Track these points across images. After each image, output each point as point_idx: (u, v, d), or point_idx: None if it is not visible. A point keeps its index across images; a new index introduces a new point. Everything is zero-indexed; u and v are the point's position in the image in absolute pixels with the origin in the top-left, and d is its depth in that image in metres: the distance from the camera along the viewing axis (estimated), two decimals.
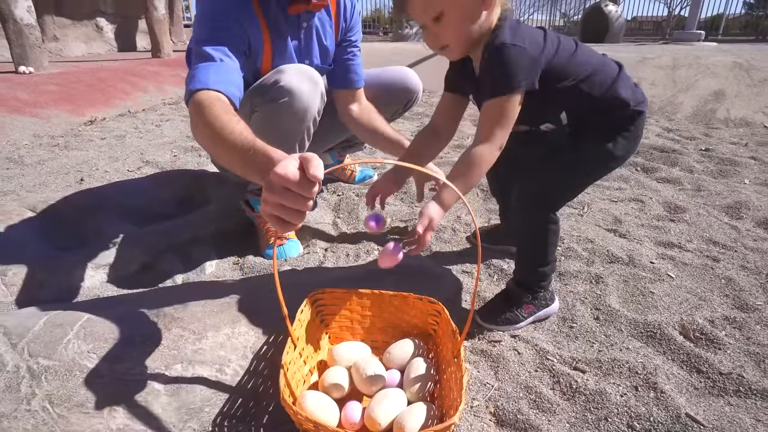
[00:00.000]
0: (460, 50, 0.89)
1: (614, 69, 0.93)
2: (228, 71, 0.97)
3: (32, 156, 2.40)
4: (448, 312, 0.86)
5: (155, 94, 4.12)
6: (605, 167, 0.98)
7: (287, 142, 1.16)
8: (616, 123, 0.93)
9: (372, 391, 0.79)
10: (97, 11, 6.52)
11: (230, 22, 1.04)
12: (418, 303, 0.91)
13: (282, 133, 1.13)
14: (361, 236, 1.44)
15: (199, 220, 1.43)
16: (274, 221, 0.64)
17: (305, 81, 1.09)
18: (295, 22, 1.21)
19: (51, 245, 1.26)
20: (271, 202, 0.63)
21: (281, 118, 1.11)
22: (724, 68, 3.90)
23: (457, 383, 0.70)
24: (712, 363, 0.88)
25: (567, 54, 0.89)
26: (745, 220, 1.52)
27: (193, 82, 0.92)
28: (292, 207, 0.63)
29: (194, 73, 0.94)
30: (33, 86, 3.46)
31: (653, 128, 2.92)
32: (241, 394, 0.79)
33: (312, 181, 0.62)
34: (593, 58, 0.93)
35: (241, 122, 0.83)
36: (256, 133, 0.80)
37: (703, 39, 6.57)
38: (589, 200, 1.66)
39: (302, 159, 0.63)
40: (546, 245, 0.97)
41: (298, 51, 1.25)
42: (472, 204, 1.66)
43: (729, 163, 2.11)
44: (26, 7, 3.69)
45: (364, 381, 0.79)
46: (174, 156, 2.35)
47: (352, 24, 1.36)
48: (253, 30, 1.11)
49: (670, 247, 1.33)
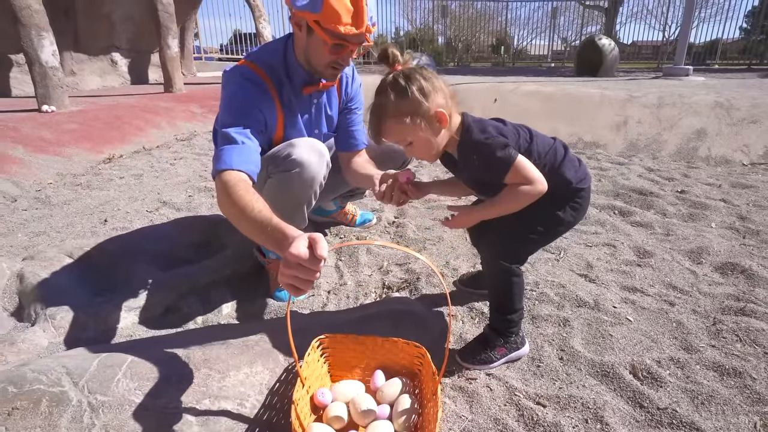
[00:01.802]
0: (433, 158, 1.15)
1: (561, 153, 1.13)
2: (249, 152, 1.17)
3: (58, 196, 2.61)
4: (431, 353, 1.03)
5: (168, 129, 4.36)
6: (555, 231, 1.18)
7: (297, 203, 1.36)
8: (559, 197, 1.12)
9: (365, 423, 0.96)
10: (112, 46, 6.86)
11: (250, 108, 1.25)
12: (405, 347, 1.08)
13: (293, 197, 1.34)
14: (361, 279, 1.62)
15: (216, 264, 1.62)
16: (290, 289, 0.83)
17: (314, 154, 1.29)
18: (307, 100, 1.43)
19: (89, 290, 1.44)
20: (287, 275, 0.82)
21: (292, 185, 1.31)
22: (706, 107, 4.12)
23: (434, 417, 0.87)
24: (652, 399, 1.04)
25: (525, 142, 1.09)
26: (704, 264, 1.69)
27: (219, 162, 1.13)
28: (304, 278, 0.81)
29: (220, 154, 1.15)
30: (55, 125, 3.70)
31: (636, 168, 3.12)
32: (258, 425, 0.96)
33: (318, 259, 0.80)
34: (545, 145, 1.12)
35: (260, 200, 1.02)
36: (271, 195, 1.01)
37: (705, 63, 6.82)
38: (566, 245, 1.84)
39: (311, 240, 0.82)
40: (511, 296, 1.14)
41: (308, 123, 1.46)
42: (460, 248, 1.84)
43: (700, 207, 2.30)
44: (51, 51, 3.97)
45: (359, 414, 0.96)
46: (189, 196, 2.55)
47: (353, 95, 1.58)
48: (269, 111, 1.32)
49: (632, 292, 1.51)
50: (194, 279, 1.54)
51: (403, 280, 1.58)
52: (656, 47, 19.58)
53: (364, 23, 1.19)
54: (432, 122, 1.05)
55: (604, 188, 2.62)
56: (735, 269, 1.64)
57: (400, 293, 1.52)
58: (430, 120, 1.05)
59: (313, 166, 1.29)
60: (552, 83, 5.75)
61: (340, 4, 1.15)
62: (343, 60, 1.29)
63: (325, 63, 1.29)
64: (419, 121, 1.04)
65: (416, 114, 1.04)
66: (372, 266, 1.71)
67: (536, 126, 1.21)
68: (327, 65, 1.30)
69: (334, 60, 1.28)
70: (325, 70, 1.32)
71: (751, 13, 17.04)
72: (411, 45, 16.69)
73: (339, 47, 1.24)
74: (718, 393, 1.06)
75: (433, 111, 1.04)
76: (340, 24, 1.17)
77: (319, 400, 0.99)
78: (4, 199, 2.55)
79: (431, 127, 1.06)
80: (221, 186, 1.09)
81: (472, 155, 1.08)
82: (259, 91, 1.29)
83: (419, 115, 1.04)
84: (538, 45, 21.90)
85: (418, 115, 1.04)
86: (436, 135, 1.08)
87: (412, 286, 1.54)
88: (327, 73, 1.33)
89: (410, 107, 1.03)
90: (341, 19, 1.16)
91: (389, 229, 2.04)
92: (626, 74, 9.22)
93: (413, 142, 1.08)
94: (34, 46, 3.88)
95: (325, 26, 1.18)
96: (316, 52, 1.28)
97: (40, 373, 0.92)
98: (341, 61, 1.30)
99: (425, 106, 1.03)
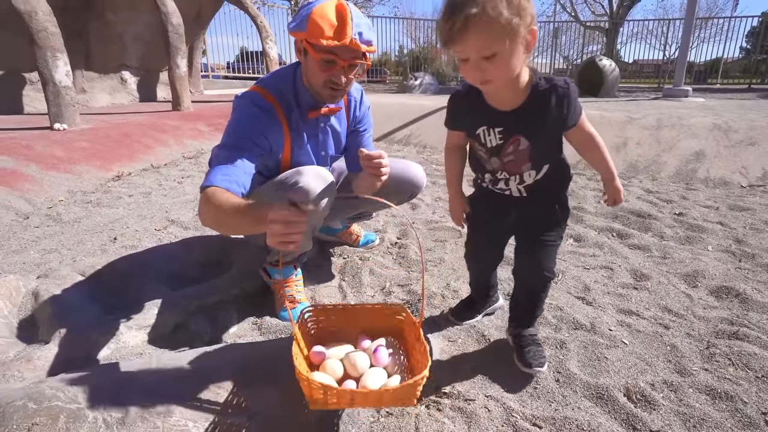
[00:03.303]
0: (502, 85, 1.01)
1: None
2: (236, 173, 1.25)
3: (69, 213, 2.68)
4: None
5: (175, 147, 4.45)
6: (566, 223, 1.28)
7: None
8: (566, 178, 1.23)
9: (360, 373, 1.05)
10: (123, 65, 7.02)
11: (253, 133, 1.33)
12: (386, 310, 1.22)
13: None
14: (363, 300, 1.67)
15: (223, 284, 1.67)
16: (280, 246, 0.92)
17: (320, 182, 1.35)
18: (314, 123, 1.50)
19: (101, 308, 1.49)
20: (274, 233, 0.91)
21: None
22: (704, 129, 4.19)
23: (423, 353, 0.99)
24: (645, 421, 1.07)
25: None
26: (699, 288, 1.73)
27: (204, 180, 1.22)
28: (291, 232, 0.90)
29: (208, 173, 1.24)
30: (67, 143, 3.79)
31: (635, 190, 3.17)
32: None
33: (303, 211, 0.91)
34: None
35: (235, 197, 1.14)
36: None
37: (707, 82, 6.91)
38: (565, 268, 1.88)
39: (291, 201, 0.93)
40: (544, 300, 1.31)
41: (315, 146, 1.53)
42: (461, 270, 1.89)
43: (697, 229, 2.34)
44: (65, 72, 4.09)
45: (353, 366, 1.06)
46: (196, 215, 2.61)
47: (361, 117, 1.65)
48: (276, 135, 1.40)
49: (628, 315, 1.55)
50: (202, 298, 1.58)
51: (405, 301, 1.63)
52: (658, 66, 19.84)
53: (347, 36, 1.24)
54: (524, 39, 0.93)
55: (603, 210, 2.67)
56: (730, 293, 1.68)
57: None
58: (524, 36, 0.92)
59: (319, 194, 1.35)
60: None
61: (323, 20, 1.23)
62: (336, 78, 1.32)
63: (321, 83, 1.34)
64: (516, 30, 0.89)
65: (516, 20, 0.88)
66: (375, 287, 1.75)
67: None
68: (323, 85, 1.35)
69: (328, 78, 1.33)
70: (322, 91, 1.37)
71: (751, 33, 17.30)
72: (414, 63, 16.93)
73: (328, 63, 1.30)
74: (710, 416, 1.09)
75: (532, 27, 0.92)
76: (323, 37, 1.23)
77: (316, 357, 1.09)
78: (17, 216, 2.62)
79: (523, 44, 0.93)
80: (202, 200, 1.19)
81: (551, 97, 1.04)
82: (267, 117, 1.36)
83: (518, 24, 0.89)
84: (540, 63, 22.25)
85: (518, 23, 0.89)
86: (519, 62, 0.95)
87: (412, 307, 1.59)
88: (325, 93, 1.37)
89: (513, 10, 0.88)
90: (324, 33, 1.23)
91: (392, 250, 2.09)
92: (627, 94, 9.35)
93: (497, 54, 0.91)
94: (49, 67, 4.00)
95: (311, 42, 1.26)
96: (312, 72, 1.34)
97: (58, 390, 0.97)
98: (335, 80, 1.33)
99: (528, 17, 0.90)
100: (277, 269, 1.61)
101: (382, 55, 22.62)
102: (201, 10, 7.69)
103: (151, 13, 6.01)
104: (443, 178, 3.55)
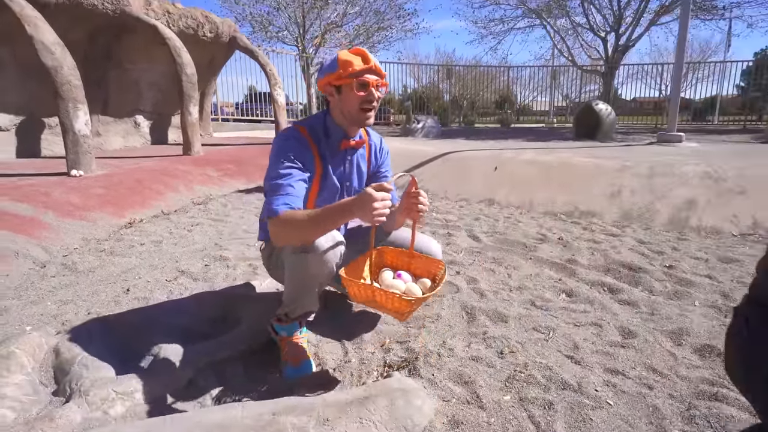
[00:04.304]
0: None
1: None
2: (293, 200, 1.46)
3: (84, 262, 2.80)
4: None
5: (185, 193, 4.63)
6: None
7: (310, 283, 1.57)
8: None
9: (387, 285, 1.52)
10: (137, 110, 7.33)
11: (293, 159, 1.55)
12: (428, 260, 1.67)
13: (308, 276, 1.54)
14: (364, 357, 1.76)
15: (232, 340, 1.77)
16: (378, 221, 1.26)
17: (329, 240, 1.50)
18: (342, 155, 1.72)
19: (116, 363, 1.59)
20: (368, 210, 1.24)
21: (309, 268, 1.51)
22: (695, 177, 4.33)
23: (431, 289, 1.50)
24: None
25: None
26: (684, 346, 1.81)
27: (268, 211, 1.45)
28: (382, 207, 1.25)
29: (269, 205, 1.45)
30: (83, 190, 3.97)
31: (628, 240, 3.28)
32: None
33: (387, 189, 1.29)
34: None
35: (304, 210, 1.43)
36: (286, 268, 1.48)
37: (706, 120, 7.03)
38: (556, 325, 1.97)
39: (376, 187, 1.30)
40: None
41: (341, 175, 1.74)
42: (457, 327, 1.98)
43: (685, 283, 2.44)
44: (85, 121, 4.33)
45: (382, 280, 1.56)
46: (206, 266, 2.73)
47: (382, 161, 1.87)
48: (309, 161, 1.61)
49: (614, 374, 1.63)
50: (211, 354, 1.68)
51: (403, 359, 1.72)
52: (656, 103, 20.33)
53: (371, 61, 1.53)
54: None
55: (596, 263, 2.77)
56: (712, 351, 1.76)
57: (399, 372, 1.65)
58: None
59: (328, 255, 1.48)
60: (550, 151, 6.05)
61: (350, 56, 1.53)
62: (370, 96, 1.57)
63: (357, 106, 1.58)
64: None
65: None
66: (375, 343, 1.85)
67: (535, 194, 1.44)
68: (359, 108, 1.58)
69: (363, 98, 1.56)
70: (359, 115, 1.60)
71: (746, 72, 17.86)
72: (418, 103, 17.46)
73: (363, 86, 1.55)
74: None
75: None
76: (354, 66, 1.51)
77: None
78: (34, 264, 2.75)
79: None
80: (275, 228, 1.43)
81: None
82: (301, 145, 1.60)
83: None
84: (540, 101, 22.89)
85: None
86: None
87: (410, 365, 1.68)
88: (362, 117, 1.60)
89: None
90: (354, 64, 1.52)
91: None
92: (624, 136, 9.59)
93: None
94: (70, 117, 4.24)
95: (345, 74, 1.52)
96: (348, 100, 1.58)
97: None
98: (369, 98, 1.57)
99: None
100: (284, 325, 1.71)
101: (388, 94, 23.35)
102: (213, 58, 8.09)
103: (167, 63, 6.35)
104: (443, 228, 3.68)
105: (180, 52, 5.89)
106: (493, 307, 2.13)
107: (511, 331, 1.93)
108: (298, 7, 15.13)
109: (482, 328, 1.96)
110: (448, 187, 5.15)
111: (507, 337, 1.87)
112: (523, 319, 2.03)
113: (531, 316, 2.06)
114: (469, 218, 4.02)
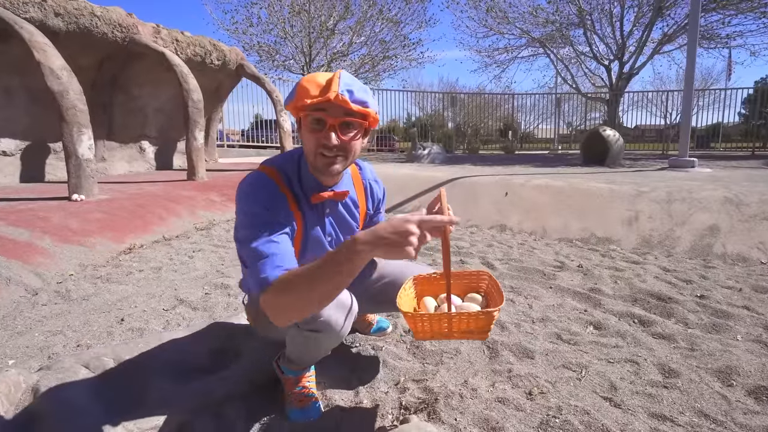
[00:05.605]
0: None
1: None
2: (282, 260, 1.15)
3: (78, 290, 2.65)
4: None
5: (188, 219, 4.50)
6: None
7: (319, 352, 1.46)
8: None
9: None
10: (143, 135, 7.32)
11: (267, 211, 1.22)
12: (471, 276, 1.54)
13: (319, 348, 1.42)
14: (377, 397, 1.58)
15: (232, 376, 1.59)
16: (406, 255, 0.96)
17: (341, 311, 1.30)
18: (320, 208, 1.40)
19: (102, 408, 1.41)
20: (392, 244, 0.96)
21: (319, 344, 1.38)
22: (716, 203, 4.17)
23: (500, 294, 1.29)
24: None
25: None
26: (735, 387, 1.62)
27: (259, 283, 1.11)
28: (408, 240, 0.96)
29: (256, 275, 1.13)
30: (83, 214, 3.86)
31: (651, 268, 3.10)
32: None
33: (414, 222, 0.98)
34: None
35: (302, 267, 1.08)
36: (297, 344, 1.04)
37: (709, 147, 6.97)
38: (587, 362, 1.78)
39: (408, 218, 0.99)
40: None
41: (324, 233, 1.43)
42: (478, 363, 1.80)
43: (722, 315, 2.25)
44: (89, 145, 4.25)
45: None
46: (206, 294, 2.57)
47: (379, 207, 1.63)
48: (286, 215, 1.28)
49: (662, 420, 1.44)
50: (209, 394, 1.51)
51: (421, 400, 1.54)
52: (660, 130, 20.34)
53: (332, 91, 1.16)
54: None
55: (622, 292, 2.59)
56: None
57: (417, 415, 1.47)
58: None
59: (340, 326, 1.31)
60: (561, 176, 5.93)
61: (310, 83, 1.19)
62: (326, 139, 1.21)
63: (314, 149, 1.24)
64: None
65: None
66: (388, 382, 1.67)
67: (548, 220, 1.28)
68: (315, 151, 1.24)
69: (317, 138, 1.23)
70: (316, 160, 1.26)
71: (747, 100, 17.95)
72: (422, 130, 17.53)
73: (317, 123, 1.22)
74: None
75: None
76: (308, 97, 1.18)
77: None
78: (25, 292, 2.60)
79: None
80: (270, 304, 1.09)
81: None
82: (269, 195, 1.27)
83: None
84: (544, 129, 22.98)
85: None
86: None
87: (430, 408, 1.49)
88: (319, 162, 1.26)
89: None
90: (309, 93, 1.18)
91: (405, 338, 2.02)
92: (633, 162, 9.49)
93: None
94: (74, 141, 4.17)
95: (297, 105, 1.21)
96: (304, 140, 1.27)
97: None
98: (325, 141, 1.21)
99: None
100: (291, 369, 1.54)
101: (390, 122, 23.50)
102: (220, 85, 8.13)
103: (174, 89, 6.36)
104: (455, 255, 3.51)
105: (187, 78, 5.89)
106: (517, 341, 1.95)
107: (538, 369, 1.75)
108: (305, 37, 15.40)
109: (506, 365, 1.77)
110: (457, 212, 5.01)
111: (535, 375, 1.69)
112: (551, 355, 1.85)
113: (559, 351, 1.88)
114: (482, 245, 3.86)
